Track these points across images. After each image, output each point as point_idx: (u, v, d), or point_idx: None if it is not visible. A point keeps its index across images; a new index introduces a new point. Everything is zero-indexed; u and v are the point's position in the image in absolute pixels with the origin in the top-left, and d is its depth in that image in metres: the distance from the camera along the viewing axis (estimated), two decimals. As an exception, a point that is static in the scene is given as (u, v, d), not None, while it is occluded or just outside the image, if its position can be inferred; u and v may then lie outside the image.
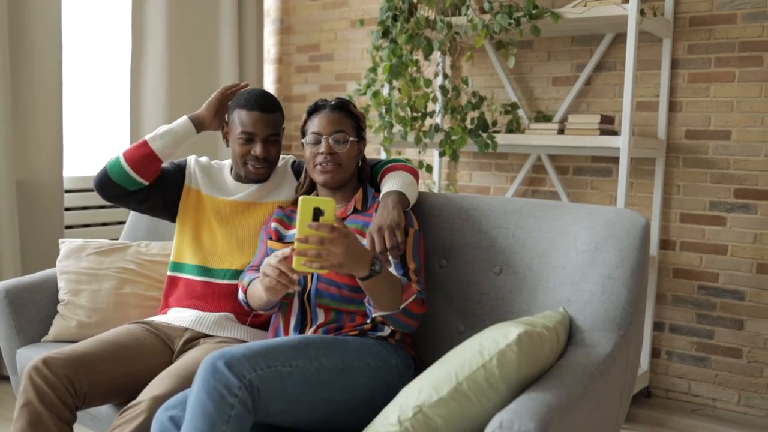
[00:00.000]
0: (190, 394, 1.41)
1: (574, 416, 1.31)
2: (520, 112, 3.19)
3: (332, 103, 1.88)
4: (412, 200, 1.90)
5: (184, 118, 2.06)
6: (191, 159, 2.15)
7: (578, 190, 3.14)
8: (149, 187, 2.04)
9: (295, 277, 1.55)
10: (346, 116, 1.88)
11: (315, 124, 1.86)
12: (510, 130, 3.07)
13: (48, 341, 2.14)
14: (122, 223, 3.49)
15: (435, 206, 1.98)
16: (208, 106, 2.09)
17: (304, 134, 1.91)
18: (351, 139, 1.86)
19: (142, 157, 1.99)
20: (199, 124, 2.07)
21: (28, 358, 2.05)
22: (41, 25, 3.00)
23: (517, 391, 1.37)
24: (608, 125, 2.79)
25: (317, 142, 1.85)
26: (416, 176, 1.98)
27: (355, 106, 1.92)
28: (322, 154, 1.83)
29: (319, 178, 1.86)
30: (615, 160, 3.05)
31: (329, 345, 1.57)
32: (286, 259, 1.56)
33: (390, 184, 1.88)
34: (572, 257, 1.70)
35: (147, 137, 2.02)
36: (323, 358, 1.53)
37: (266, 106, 1.99)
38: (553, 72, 3.18)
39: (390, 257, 1.71)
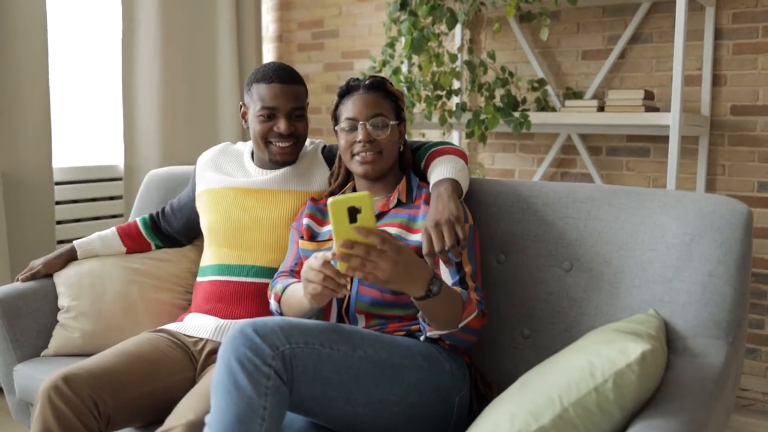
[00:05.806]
0: (217, 366, 1.24)
1: (703, 445, 1.10)
2: (548, 89, 2.96)
3: (366, 82, 1.65)
4: (465, 188, 1.66)
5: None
6: (198, 161, 1.98)
7: (612, 172, 2.92)
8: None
9: (343, 281, 1.32)
10: (384, 96, 1.65)
11: (349, 109, 1.63)
12: (541, 108, 2.84)
13: (48, 355, 1.89)
14: (116, 216, 3.22)
15: (489, 194, 1.75)
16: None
17: (336, 120, 1.67)
18: (391, 122, 1.63)
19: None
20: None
21: (28, 375, 1.80)
22: (24, 7, 2.72)
23: (631, 416, 1.15)
24: (650, 101, 2.57)
25: (353, 129, 1.62)
26: (466, 160, 1.75)
27: (392, 84, 1.69)
28: (359, 142, 1.60)
29: (358, 169, 1.62)
30: (653, 138, 2.83)
31: (376, 337, 1.37)
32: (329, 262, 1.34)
33: (440, 171, 1.65)
34: (661, 251, 1.48)
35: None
36: (369, 348, 1.33)
37: (287, 77, 1.76)
38: (583, 45, 2.95)
39: (451, 256, 1.48)
